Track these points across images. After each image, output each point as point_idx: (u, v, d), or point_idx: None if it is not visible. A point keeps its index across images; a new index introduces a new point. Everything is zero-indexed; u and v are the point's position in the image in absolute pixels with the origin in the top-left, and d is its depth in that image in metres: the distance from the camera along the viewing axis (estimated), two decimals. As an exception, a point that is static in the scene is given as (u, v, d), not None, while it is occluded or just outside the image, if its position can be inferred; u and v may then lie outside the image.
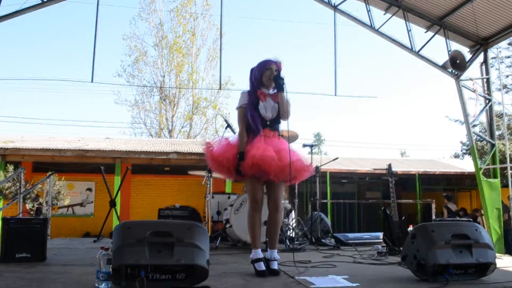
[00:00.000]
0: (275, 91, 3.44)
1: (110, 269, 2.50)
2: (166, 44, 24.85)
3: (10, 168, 10.69)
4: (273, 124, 3.44)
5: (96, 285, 2.58)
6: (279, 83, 3.37)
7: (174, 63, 24.86)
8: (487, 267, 2.94)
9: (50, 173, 7.18)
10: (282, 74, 3.44)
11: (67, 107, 39.87)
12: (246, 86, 3.55)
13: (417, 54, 9.53)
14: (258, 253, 3.27)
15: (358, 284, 2.82)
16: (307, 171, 3.44)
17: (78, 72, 31.69)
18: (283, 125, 3.52)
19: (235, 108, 3.53)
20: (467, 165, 16.73)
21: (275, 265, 3.29)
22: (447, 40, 9.29)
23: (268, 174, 3.22)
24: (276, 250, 3.36)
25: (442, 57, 9.36)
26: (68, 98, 41.83)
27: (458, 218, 7.27)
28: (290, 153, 3.24)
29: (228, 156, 3.32)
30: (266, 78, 3.43)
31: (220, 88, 20.64)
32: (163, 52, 24.87)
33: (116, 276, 2.47)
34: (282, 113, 3.40)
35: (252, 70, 3.52)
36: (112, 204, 6.13)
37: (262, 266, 3.22)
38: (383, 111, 56.68)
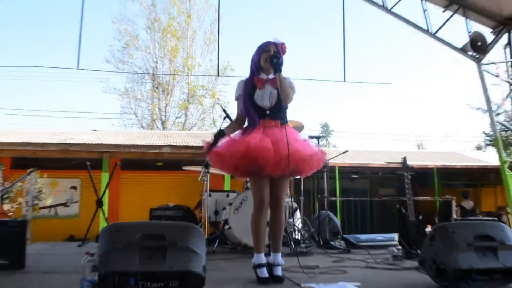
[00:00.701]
0: (274, 76, 3.38)
1: (96, 277, 2.49)
2: (159, 27, 24.85)
3: (-13, 164, 10.69)
4: (274, 113, 3.38)
5: (81, 294, 2.57)
6: (273, 62, 3.29)
7: (167, 47, 24.83)
8: (515, 272, 2.92)
9: (31, 169, 7.16)
10: (282, 55, 3.39)
11: (51, 96, 39.91)
12: (247, 72, 3.53)
13: (434, 36, 9.44)
14: (261, 257, 3.25)
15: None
16: (311, 163, 3.34)
17: (63, 59, 31.66)
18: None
19: (234, 100, 3.52)
20: (490, 157, 16.69)
21: (279, 271, 3.27)
22: (467, 20, 9.21)
23: (263, 167, 3.16)
24: (280, 254, 3.34)
25: (462, 40, 9.30)
26: (52, 87, 41.80)
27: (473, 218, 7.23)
28: (288, 143, 3.16)
29: (233, 151, 3.25)
30: (263, 61, 3.39)
31: (218, 75, 20.55)
32: (155, 36, 24.87)
33: (103, 285, 2.46)
34: (282, 95, 3.31)
35: (253, 56, 3.49)
36: (99, 203, 6.13)
37: (265, 272, 3.20)
38: (397, 99, 56.60)
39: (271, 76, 3.41)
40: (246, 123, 3.44)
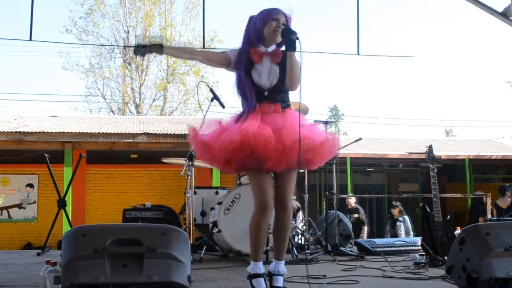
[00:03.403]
0: (277, 48, 3.38)
1: (60, 291, 2.51)
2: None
3: None
4: (273, 94, 3.35)
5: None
6: (290, 38, 3.22)
7: (141, 13, 24.73)
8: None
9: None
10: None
11: (-1, 75, 39.67)
12: (239, 43, 3.49)
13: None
14: (259, 266, 3.26)
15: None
16: (322, 151, 3.31)
17: (13, 29, 31.46)
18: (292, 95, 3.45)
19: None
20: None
21: (280, 282, 3.29)
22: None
23: (264, 160, 3.14)
24: (283, 262, 3.35)
25: (502, 2, 9.29)
26: (0, 63, 41.56)
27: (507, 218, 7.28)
28: (300, 128, 3.11)
29: (225, 142, 3.20)
30: (269, 30, 3.33)
31: (203, 47, 20.48)
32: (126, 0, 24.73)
33: (67, 300, 2.48)
34: (289, 80, 3.29)
35: (251, 18, 3.43)
36: (61, 204, 6.14)
37: (262, 283, 3.22)
38: (421, 77, 56.64)
39: (270, 49, 3.38)
40: (240, 108, 3.40)
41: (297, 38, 3.22)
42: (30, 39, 8.61)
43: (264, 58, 3.35)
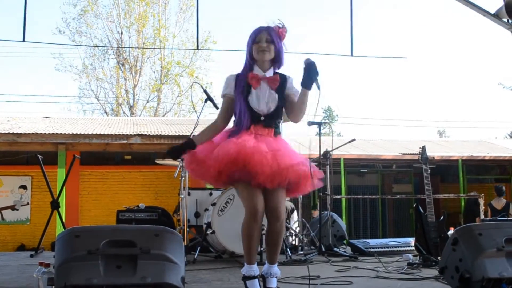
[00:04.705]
0: (275, 74, 3.39)
1: (53, 292, 2.51)
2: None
3: None
4: (270, 119, 3.36)
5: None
6: (310, 78, 3.24)
7: (135, 14, 24.69)
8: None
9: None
10: (280, 42, 3.35)
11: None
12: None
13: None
14: (253, 269, 3.25)
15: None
16: (309, 182, 3.33)
17: (5, 30, 31.36)
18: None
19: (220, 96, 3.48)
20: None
21: (273, 283, 3.29)
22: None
23: (257, 174, 3.12)
24: (276, 265, 3.35)
25: (495, 3, 9.31)
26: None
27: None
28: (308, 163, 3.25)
29: (219, 154, 3.19)
30: (256, 51, 3.33)
31: (197, 48, 20.44)
32: (119, 0, 24.68)
33: (61, 301, 2.48)
34: (297, 114, 3.36)
35: (247, 42, 3.43)
36: (55, 205, 6.13)
37: (256, 285, 3.21)
38: (414, 78, 56.83)
39: (268, 73, 3.38)
40: (232, 125, 3.42)
41: (316, 76, 3.23)
42: (23, 40, 8.58)
43: (262, 83, 3.35)
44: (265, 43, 3.31)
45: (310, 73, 3.22)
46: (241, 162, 3.10)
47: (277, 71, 3.42)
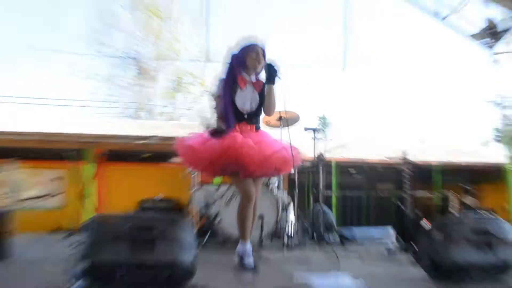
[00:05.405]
0: (257, 80, 3.56)
1: (83, 268, 2.53)
2: (141, 6, 24.60)
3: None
4: (252, 117, 3.55)
5: (67, 286, 2.62)
6: (271, 74, 3.46)
7: (151, 28, 24.60)
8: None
9: (11, 159, 7.18)
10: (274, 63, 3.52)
11: (27, 83, 39.30)
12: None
13: (443, 21, 9.38)
14: (247, 246, 3.43)
15: (364, 285, 2.87)
16: (290, 163, 3.51)
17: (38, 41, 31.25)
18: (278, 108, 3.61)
19: (213, 97, 3.61)
20: (497, 154, 16.79)
21: (249, 258, 3.44)
22: (479, 5, 9.13)
23: (247, 165, 3.29)
24: (249, 242, 3.50)
25: (473, 25, 9.22)
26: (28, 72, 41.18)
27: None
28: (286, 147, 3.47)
29: (212, 147, 3.34)
30: (251, 61, 3.51)
31: (207, 59, 20.40)
32: (137, 16, 24.62)
33: (90, 276, 2.51)
34: (267, 108, 3.54)
35: (233, 55, 3.58)
36: (84, 195, 6.17)
37: (251, 260, 3.39)
38: (400, 91, 56.58)
39: (253, 78, 3.56)
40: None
41: (276, 73, 3.45)
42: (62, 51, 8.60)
43: (248, 85, 3.53)
44: (260, 56, 3.52)
45: (271, 71, 3.46)
46: (233, 155, 3.27)
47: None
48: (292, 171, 3.74)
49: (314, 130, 6.08)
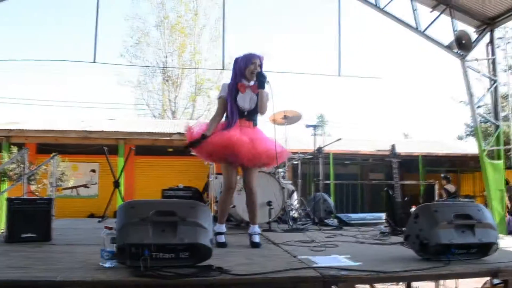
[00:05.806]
0: (255, 83, 3.71)
1: (115, 248, 2.52)
2: (168, 24, 24.66)
3: (14, 149, 10.70)
4: (250, 115, 3.73)
5: (101, 264, 2.61)
6: (261, 81, 3.64)
7: (176, 43, 24.68)
8: (489, 247, 2.96)
9: (53, 154, 7.20)
10: (264, 71, 3.71)
11: (68, 88, 39.62)
12: None
13: (423, 34, 9.38)
14: (222, 227, 3.65)
15: (360, 263, 2.84)
16: (277, 158, 3.65)
17: (80, 54, 31.44)
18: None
19: (216, 98, 3.85)
20: (470, 147, 16.69)
21: (257, 239, 3.62)
22: (453, 19, 9.13)
23: (241, 158, 3.49)
24: (257, 226, 3.69)
25: (448, 37, 9.24)
26: (69, 79, 41.43)
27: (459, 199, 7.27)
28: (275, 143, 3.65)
29: (215, 141, 3.56)
30: (249, 72, 3.69)
31: (223, 68, 20.43)
32: (165, 33, 24.69)
33: (120, 255, 2.50)
34: (259, 107, 3.70)
35: (236, 60, 3.78)
36: (116, 185, 6.18)
37: (222, 238, 3.60)
38: (388, 92, 56.27)
39: (251, 83, 3.72)
40: (224, 119, 3.74)
41: (266, 81, 3.65)
42: (94, 61, 8.64)
43: (247, 89, 3.72)
44: (257, 66, 3.70)
45: (260, 78, 3.66)
46: (231, 148, 3.48)
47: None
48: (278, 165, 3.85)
49: (314, 126, 6.05)
